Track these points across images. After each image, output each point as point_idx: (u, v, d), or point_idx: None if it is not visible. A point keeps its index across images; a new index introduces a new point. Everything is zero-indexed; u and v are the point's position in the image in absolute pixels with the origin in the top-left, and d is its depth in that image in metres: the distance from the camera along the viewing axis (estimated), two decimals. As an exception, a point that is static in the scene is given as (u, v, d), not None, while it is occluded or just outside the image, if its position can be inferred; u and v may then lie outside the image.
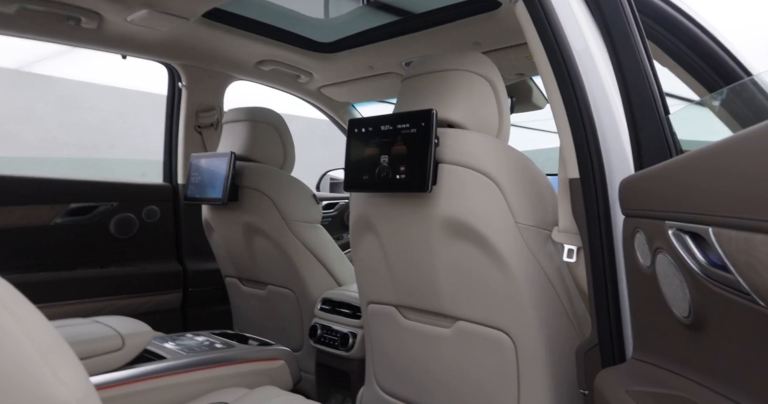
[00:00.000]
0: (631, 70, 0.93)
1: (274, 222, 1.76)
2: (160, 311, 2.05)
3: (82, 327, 1.05)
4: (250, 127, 1.85)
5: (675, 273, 0.67)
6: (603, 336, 0.92)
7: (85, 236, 1.89)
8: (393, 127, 1.17)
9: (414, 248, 1.19)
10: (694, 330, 0.67)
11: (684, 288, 0.65)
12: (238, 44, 1.98)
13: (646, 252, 0.76)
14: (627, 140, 0.94)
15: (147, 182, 2.11)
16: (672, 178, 0.67)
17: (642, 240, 0.77)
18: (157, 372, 1.06)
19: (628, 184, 0.85)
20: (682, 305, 0.67)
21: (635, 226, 0.80)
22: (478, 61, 1.18)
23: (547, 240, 1.08)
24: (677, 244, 0.65)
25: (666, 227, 0.68)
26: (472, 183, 1.08)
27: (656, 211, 0.71)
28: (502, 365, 1.11)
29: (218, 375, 1.17)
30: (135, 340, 1.05)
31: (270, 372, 1.29)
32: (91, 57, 7.04)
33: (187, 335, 1.36)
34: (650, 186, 0.75)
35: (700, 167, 0.60)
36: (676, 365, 0.73)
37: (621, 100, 0.94)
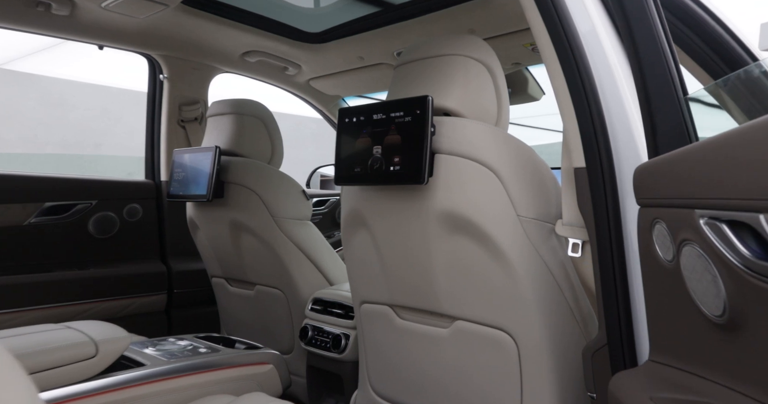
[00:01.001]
0: (647, 48, 0.86)
1: (261, 220, 1.68)
2: (143, 314, 1.96)
3: (52, 334, 0.97)
4: (235, 120, 1.77)
5: (707, 268, 0.61)
6: (612, 336, 0.86)
7: (62, 236, 1.80)
8: (386, 115, 1.10)
9: (409, 244, 1.13)
10: (727, 331, 0.61)
11: (718, 285, 0.59)
12: (222, 34, 1.90)
13: (667, 244, 0.70)
14: (638, 126, 0.88)
15: (128, 179, 2.02)
16: (704, 162, 0.61)
17: (663, 231, 0.71)
18: (134, 380, 0.99)
19: (644, 171, 0.78)
20: (714, 303, 0.61)
21: (654, 217, 0.73)
22: (475, 45, 1.12)
23: (551, 233, 1.02)
24: (711, 235, 0.59)
25: (696, 216, 0.61)
26: (471, 174, 1.02)
27: (683, 199, 0.65)
28: (504, 366, 1.05)
29: (202, 381, 1.10)
30: (110, 347, 0.97)
31: (258, 378, 1.22)
32: (75, 54, 6.89)
33: (170, 339, 1.28)
34: (675, 172, 0.68)
35: (743, 146, 0.53)
36: (704, 368, 0.67)
37: (634, 81, 0.88)
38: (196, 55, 2.02)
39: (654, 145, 0.86)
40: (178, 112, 2.07)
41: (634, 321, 0.86)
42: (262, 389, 1.23)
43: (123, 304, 1.89)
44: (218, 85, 2.26)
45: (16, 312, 1.61)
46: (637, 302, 0.86)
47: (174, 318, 2.07)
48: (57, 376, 0.89)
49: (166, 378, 1.03)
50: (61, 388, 0.90)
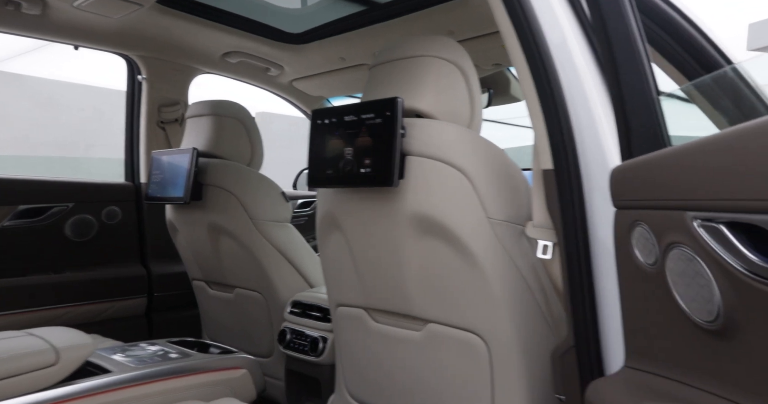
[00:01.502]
0: (623, 48, 0.85)
1: (240, 222, 1.66)
2: (122, 318, 1.94)
3: (11, 341, 0.94)
4: (214, 121, 1.75)
5: (699, 272, 0.59)
6: (580, 338, 0.85)
7: (37, 240, 1.77)
8: (357, 117, 1.08)
9: (381, 247, 1.11)
10: (719, 337, 0.59)
11: (712, 289, 0.58)
12: (202, 34, 1.88)
13: (650, 247, 0.68)
14: (606, 127, 0.87)
15: (106, 181, 1.99)
16: (701, 163, 0.59)
17: (644, 234, 0.69)
18: (98, 388, 0.97)
19: (622, 173, 0.77)
20: (705, 308, 0.59)
21: (635, 219, 0.72)
22: (447, 46, 1.11)
23: (521, 235, 1.01)
24: (707, 238, 0.57)
25: (688, 218, 0.60)
26: (441, 176, 1.00)
27: (671, 200, 0.63)
28: (475, 369, 1.04)
29: (171, 387, 1.08)
30: (72, 354, 0.95)
31: (231, 383, 1.20)
32: (65, 54, 6.83)
33: (141, 345, 1.26)
34: (661, 173, 0.66)
35: (748, 145, 0.51)
36: (689, 375, 0.65)
37: (608, 81, 0.87)
38: (174, 55, 1.99)
39: (628, 146, 0.84)
40: (157, 114, 2.05)
41: (602, 323, 0.85)
42: (235, 394, 1.21)
43: (100, 308, 1.87)
44: (211, 86, 2.23)
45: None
46: (605, 304, 0.85)
47: (155, 322, 2.04)
48: (16, 385, 0.87)
49: (132, 385, 1.01)
50: (21, 397, 0.87)
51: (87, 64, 6.05)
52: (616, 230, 0.79)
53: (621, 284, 0.80)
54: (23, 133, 7.19)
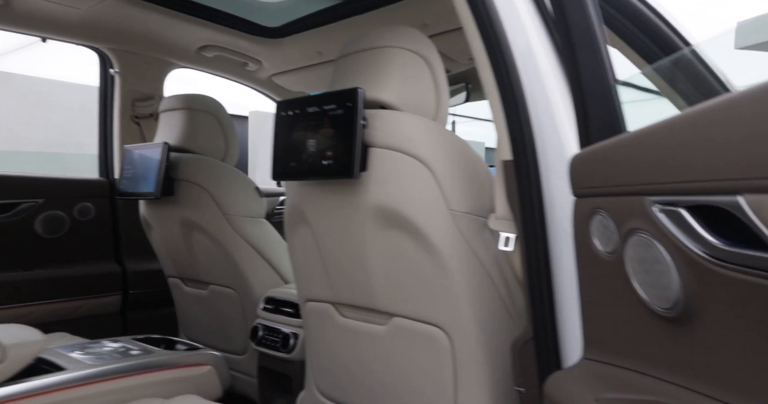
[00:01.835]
0: (581, 35, 0.83)
1: (212, 217, 1.64)
2: (96, 316, 1.90)
3: (-44, 338, 0.91)
4: (187, 115, 1.72)
5: (658, 258, 0.57)
6: (538, 329, 0.84)
7: (6, 236, 1.74)
8: (320, 108, 1.06)
9: (346, 240, 1.09)
10: (677, 324, 0.58)
11: (672, 275, 0.56)
12: (175, 27, 1.85)
13: (610, 235, 0.67)
14: (564, 116, 0.86)
15: (79, 177, 1.96)
16: (660, 145, 0.57)
17: (604, 222, 0.68)
18: (48, 386, 0.94)
19: (580, 160, 0.75)
20: (664, 295, 0.58)
21: (594, 207, 0.70)
22: (412, 36, 1.09)
23: (484, 228, 0.99)
24: (666, 222, 0.55)
25: (647, 203, 0.58)
26: (404, 168, 0.98)
27: (630, 186, 0.61)
28: (439, 363, 1.02)
29: (129, 385, 1.05)
30: (20, 351, 0.93)
31: (194, 379, 1.17)
32: (55, 52, 6.73)
33: (103, 342, 1.23)
34: (619, 158, 0.64)
35: (720, 124, 0.49)
36: (647, 365, 0.64)
37: (567, 68, 0.85)
38: (147, 49, 1.96)
39: (586, 133, 0.83)
40: (131, 108, 2.01)
41: (560, 315, 0.83)
42: (199, 391, 1.18)
43: (72, 306, 1.83)
44: (201, 85, 2.19)
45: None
46: (564, 296, 0.84)
47: (130, 320, 2.01)
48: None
49: (86, 384, 0.98)
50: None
51: (77, 62, 5.99)
52: (575, 219, 0.77)
53: (579, 274, 0.78)
54: (12, 132, 7.11)
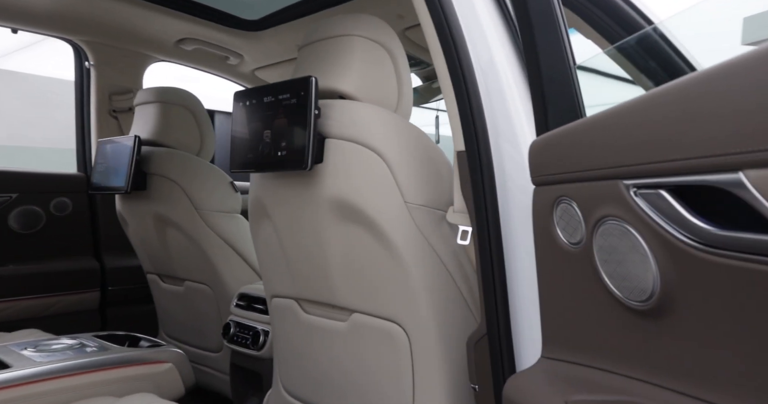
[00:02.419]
0: (540, 12, 0.79)
1: (185, 212, 1.61)
2: (73, 312, 1.88)
3: None
4: (161, 109, 1.69)
5: (634, 246, 0.53)
6: (491, 325, 0.80)
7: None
8: (275, 98, 1.03)
9: (306, 234, 1.06)
10: (651, 318, 0.54)
11: (648, 265, 0.52)
12: (151, 19, 1.81)
13: (576, 225, 0.63)
14: (519, 105, 0.82)
15: (55, 172, 1.93)
16: (638, 123, 0.52)
17: (570, 211, 0.64)
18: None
19: (542, 145, 0.70)
20: (638, 286, 0.54)
21: (558, 195, 0.66)
22: (372, 25, 1.05)
23: (442, 221, 0.95)
24: (645, 207, 0.51)
25: (622, 188, 0.54)
26: (358, 159, 0.95)
27: (601, 169, 0.57)
28: (397, 359, 0.99)
29: (80, 383, 1.02)
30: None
31: (153, 378, 1.14)
32: (58, 51, 6.74)
33: (62, 338, 1.21)
34: (587, 140, 0.60)
35: (707, 95, 0.45)
36: (617, 363, 0.60)
37: (518, 51, 0.81)
38: (124, 41, 1.93)
39: (545, 119, 0.79)
40: (108, 102, 1.99)
41: (515, 311, 0.80)
42: (159, 389, 1.15)
43: (48, 302, 1.81)
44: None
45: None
46: (519, 291, 0.80)
47: (110, 317, 1.99)
48: None
49: (31, 382, 0.95)
50: None
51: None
52: (536, 209, 0.73)
53: (539, 267, 0.74)
54: (18, 130, 7.12)
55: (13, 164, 1.91)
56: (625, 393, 0.59)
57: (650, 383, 0.57)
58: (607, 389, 0.62)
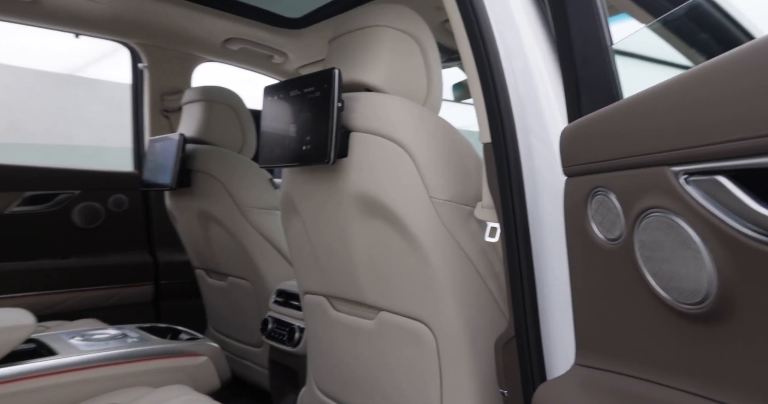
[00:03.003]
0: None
1: (226, 209, 1.64)
2: (129, 304, 1.98)
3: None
4: (205, 107, 1.74)
5: (685, 241, 0.48)
6: (519, 328, 0.74)
7: (44, 226, 1.84)
8: (300, 91, 1.01)
9: (332, 230, 1.04)
10: (705, 323, 0.48)
11: (702, 263, 0.47)
12: (200, 21, 1.87)
13: (614, 219, 0.57)
14: (552, 89, 0.75)
15: (113, 170, 2.04)
16: (690, 101, 0.46)
17: (607, 203, 0.58)
18: (36, 371, 0.96)
19: (575, 132, 0.64)
20: (689, 287, 0.48)
21: (594, 186, 0.60)
22: (401, 15, 1.01)
23: (469, 217, 0.90)
24: (699, 196, 0.46)
25: (670, 175, 0.49)
26: (382, 153, 0.91)
27: (646, 155, 0.52)
28: (424, 360, 0.94)
29: (119, 373, 1.06)
30: (5, 336, 0.95)
31: (189, 370, 1.17)
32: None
33: (108, 329, 1.26)
34: (630, 123, 0.54)
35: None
36: (663, 373, 0.54)
37: (548, 31, 0.74)
38: (174, 42, 2.00)
39: (578, 104, 0.72)
40: (160, 102, 2.07)
41: (544, 311, 0.73)
42: (195, 382, 1.18)
43: (107, 294, 1.91)
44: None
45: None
46: (549, 291, 0.73)
47: (162, 309, 2.07)
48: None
49: (73, 370, 0.99)
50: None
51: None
52: (568, 202, 0.67)
53: (572, 266, 0.68)
54: (100, 132, 7.71)
55: (96, 162, 2.03)
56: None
57: (702, 397, 0.50)
58: (651, 402, 0.55)
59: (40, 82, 3.97)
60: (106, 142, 3.86)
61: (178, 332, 1.33)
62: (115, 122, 2.27)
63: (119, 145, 2.20)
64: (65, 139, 4.10)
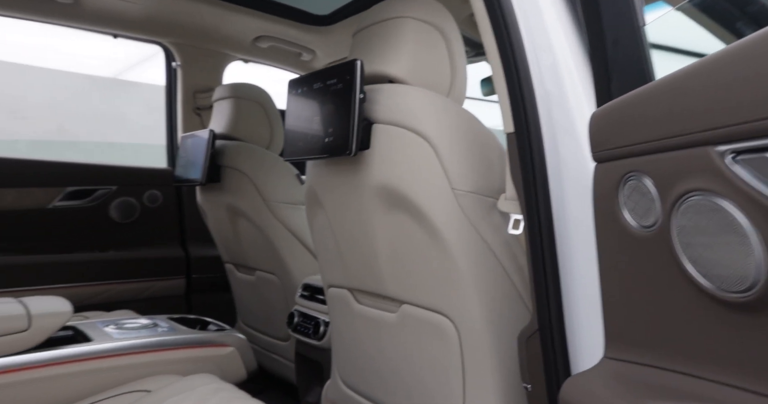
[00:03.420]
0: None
1: (253, 203, 1.67)
2: (163, 297, 2.04)
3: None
4: (233, 104, 1.77)
5: (730, 225, 0.46)
6: (543, 320, 0.72)
7: (84, 220, 1.91)
8: (323, 84, 1.01)
9: (355, 223, 1.04)
10: (750, 312, 0.46)
11: (750, 248, 0.45)
12: (230, 19, 1.91)
13: (649, 204, 0.55)
14: (577, 72, 0.72)
15: (147, 166, 2.10)
16: (735, 76, 0.44)
17: (641, 188, 0.56)
18: (71, 356, 1.00)
19: (605, 116, 0.62)
20: (735, 274, 0.46)
21: (627, 171, 0.58)
22: (425, 6, 1.00)
23: (492, 209, 0.88)
24: (747, 176, 0.44)
25: (714, 155, 0.47)
26: (405, 144, 0.90)
27: (686, 135, 0.50)
28: (446, 354, 0.93)
29: (148, 361, 1.09)
30: (44, 321, 0.99)
31: (216, 360, 1.19)
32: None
33: (140, 318, 1.30)
34: (668, 103, 0.52)
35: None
36: (702, 366, 0.52)
37: (573, 9, 0.72)
38: (206, 41, 2.05)
39: (608, 87, 0.69)
40: (193, 100, 2.12)
41: (569, 304, 0.71)
42: (222, 372, 1.20)
43: (142, 287, 1.98)
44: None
45: (36, 290, 1.73)
46: (572, 283, 0.71)
47: (194, 303, 2.12)
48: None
49: (110, 356, 1.03)
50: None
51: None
52: (597, 189, 0.64)
53: (602, 256, 0.65)
54: (137, 136, 8.02)
55: (137, 159, 2.10)
56: (714, 402, 0.49)
57: (748, 390, 0.47)
58: (691, 396, 0.53)
59: (87, 85, 4.15)
60: (144, 140, 4.01)
61: (206, 323, 1.36)
62: (152, 122, 2.34)
63: (156, 143, 2.27)
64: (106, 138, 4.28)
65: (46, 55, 3.30)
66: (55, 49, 3.24)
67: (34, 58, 3.30)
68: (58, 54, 3.34)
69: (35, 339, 0.99)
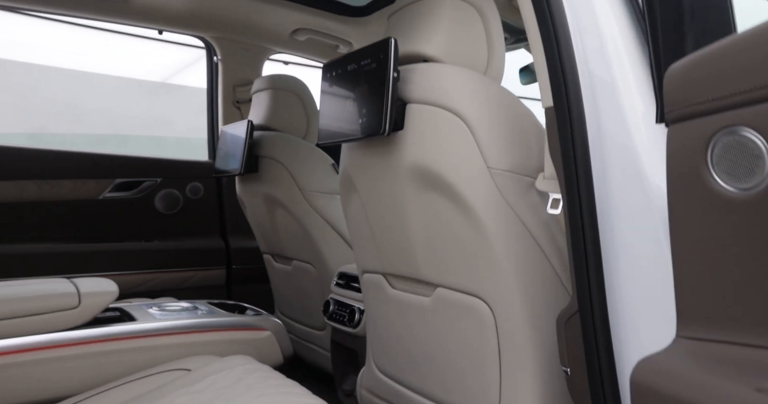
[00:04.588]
0: None
1: (290, 193, 1.69)
2: (204, 287, 2.09)
3: (46, 285, 1.05)
4: (271, 95, 1.80)
5: None
6: (583, 300, 0.69)
7: (131, 211, 1.99)
8: (357, 65, 1.01)
9: (389, 205, 1.03)
10: None
11: None
12: (269, 12, 1.94)
13: (751, 162, 0.50)
14: (620, 37, 0.69)
15: (190, 159, 2.16)
16: None
17: (738, 145, 0.51)
18: (117, 334, 1.04)
19: (690, 69, 0.56)
20: None
21: (721, 126, 0.53)
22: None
23: (530, 188, 0.85)
24: None
25: None
26: (440, 123, 0.89)
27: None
28: (482, 338, 0.91)
29: (188, 342, 1.12)
30: (93, 299, 1.03)
31: (253, 343, 1.21)
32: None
33: (181, 302, 1.34)
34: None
35: None
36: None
37: None
38: (245, 35, 2.09)
39: (681, 40, 0.63)
40: (233, 93, 2.17)
41: (609, 285, 0.67)
42: (260, 355, 1.22)
43: (185, 276, 2.04)
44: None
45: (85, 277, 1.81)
46: (614, 263, 0.67)
47: (234, 293, 2.17)
48: (38, 323, 0.97)
49: (153, 335, 1.06)
50: (42, 335, 0.97)
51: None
52: (675, 151, 0.58)
53: (677, 226, 0.59)
54: (183, 136, 8.36)
55: (183, 153, 2.18)
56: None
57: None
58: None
59: (137, 89, 4.34)
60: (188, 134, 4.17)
61: (244, 308, 1.39)
62: (197, 124, 2.41)
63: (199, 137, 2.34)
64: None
65: (102, 61, 3.47)
66: (109, 56, 3.41)
67: (92, 65, 3.48)
68: (112, 60, 3.50)
69: (84, 317, 1.03)
